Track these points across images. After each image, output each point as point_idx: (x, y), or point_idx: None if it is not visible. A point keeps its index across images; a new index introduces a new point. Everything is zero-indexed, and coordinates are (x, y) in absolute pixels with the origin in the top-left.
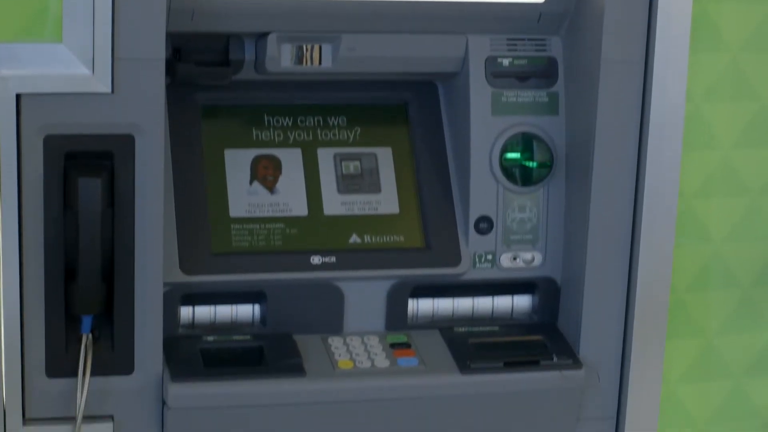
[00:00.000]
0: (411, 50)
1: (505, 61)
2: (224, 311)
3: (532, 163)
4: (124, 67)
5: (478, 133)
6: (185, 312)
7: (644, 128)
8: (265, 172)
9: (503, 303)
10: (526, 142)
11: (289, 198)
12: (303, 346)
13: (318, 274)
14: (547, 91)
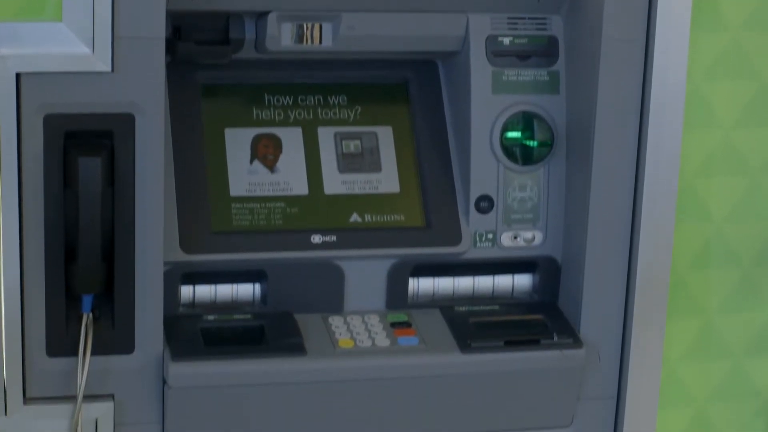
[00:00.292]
0: (411, 29)
1: (506, 40)
2: (225, 290)
3: (533, 142)
4: (124, 46)
5: (479, 112)
6: (186, 291)
7: (645, 107)
8: (266, 151)
9: (504, 282)
10: (526, 121)
11: (290, 177)
12: (303, 325)
13: (318, 253)
14: (548, 70)
